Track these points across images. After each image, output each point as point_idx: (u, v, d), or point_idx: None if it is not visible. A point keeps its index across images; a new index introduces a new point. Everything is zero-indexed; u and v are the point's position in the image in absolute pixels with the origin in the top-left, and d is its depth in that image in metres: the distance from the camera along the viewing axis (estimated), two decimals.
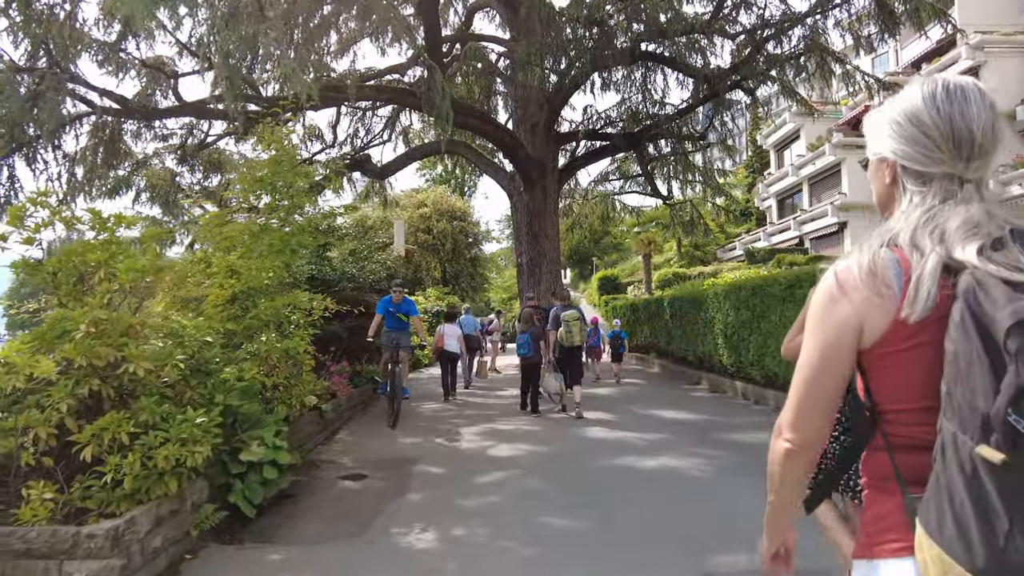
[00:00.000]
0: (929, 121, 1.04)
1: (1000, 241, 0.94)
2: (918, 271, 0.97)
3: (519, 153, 15.72)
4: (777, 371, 8.31)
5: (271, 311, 5.09)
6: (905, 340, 1.00)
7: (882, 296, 1.00)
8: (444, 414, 9.18)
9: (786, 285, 8.19)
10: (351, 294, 10.00)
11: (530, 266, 16.55)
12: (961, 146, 1.03)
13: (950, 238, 0.97)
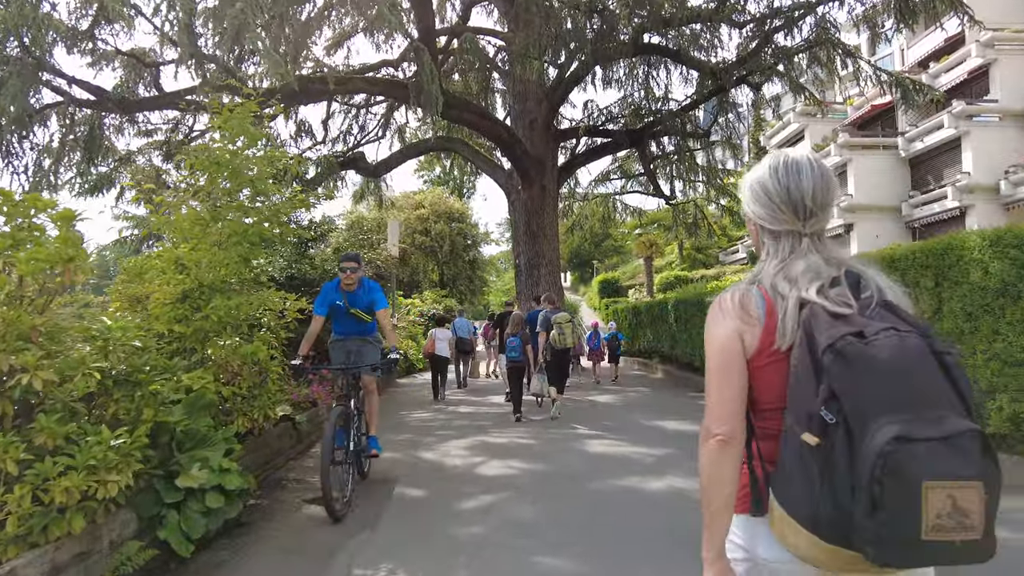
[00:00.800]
0: (773, 190, 1.32)
1: (836, 280, 1.24)
2: (782, 311, 1.24)
3: (517, 150, 15.09)
4: None
5: (224, 311, 4.44)
6: (768, 357, 1.27)
7: (749, 323, 1.27)
8: (432, 424, 8.52)
9: None
10: None
11: (528, 267, 15.91)
12: (797, 210, 1.30)
13: (799, 281, 1.26)
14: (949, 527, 0.98)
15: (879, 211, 27.31)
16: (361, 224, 32.30)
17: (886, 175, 27.64)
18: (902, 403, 1.03)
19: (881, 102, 29.41)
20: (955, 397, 1.06)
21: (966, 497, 0.98)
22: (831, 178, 1.32)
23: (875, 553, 1.02)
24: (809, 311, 1.19)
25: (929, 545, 0.99)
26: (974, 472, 0.99)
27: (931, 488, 0.97)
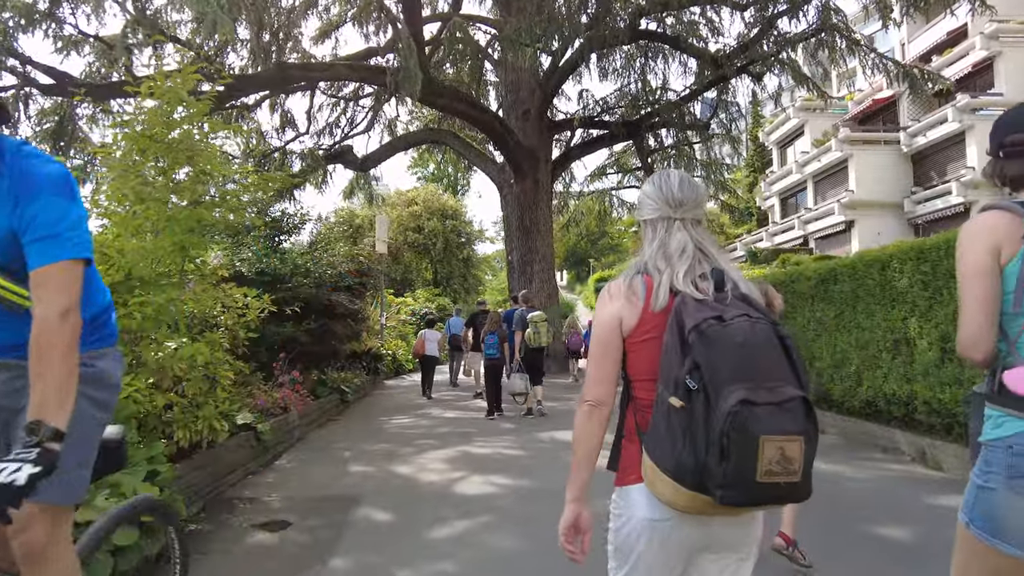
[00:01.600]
0: (651, 190, 1.59)
1: (704, 276, 1.44)
2: (656, 284, 1.46)
3: (509, 141, 14.46)
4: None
5: (154, 308, 3.79)
6: (644, 334, 1.47)
7: (632, 302, 1.48)
8: (413, 431, 7.88)
9: (817, 280, 6.92)
10: (308, 292, 8.68)
11: (521, 264, 15.29)
12: (668, 200, 1.54)
13: (673, 260, 1.47)
14: (777, 472, 1.23)
15: (881, 207, 26.71)
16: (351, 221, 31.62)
17: (888, 171, 27.05)
18: (748, 375, 1.26)
19: (882, 96, 28.85)
20: (790, 372, 1.31)
21: (791, 448, 1.23)
22: (696, 182, 1.61)
23: (722, 495, 1.24)
24: (680, 298, 1.40)
25: (762, 486, 1.23)
26: (799, 429, 1.25)
27: (766, 441, 1.22)
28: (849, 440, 6.40)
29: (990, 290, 1.46)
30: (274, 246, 8.73)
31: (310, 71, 12.74)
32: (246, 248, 8.42)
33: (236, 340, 6.09)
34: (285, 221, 9.24)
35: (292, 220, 9.44)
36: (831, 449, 5.88)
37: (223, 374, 4.86)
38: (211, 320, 5.93)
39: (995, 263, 1.46)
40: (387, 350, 16.67)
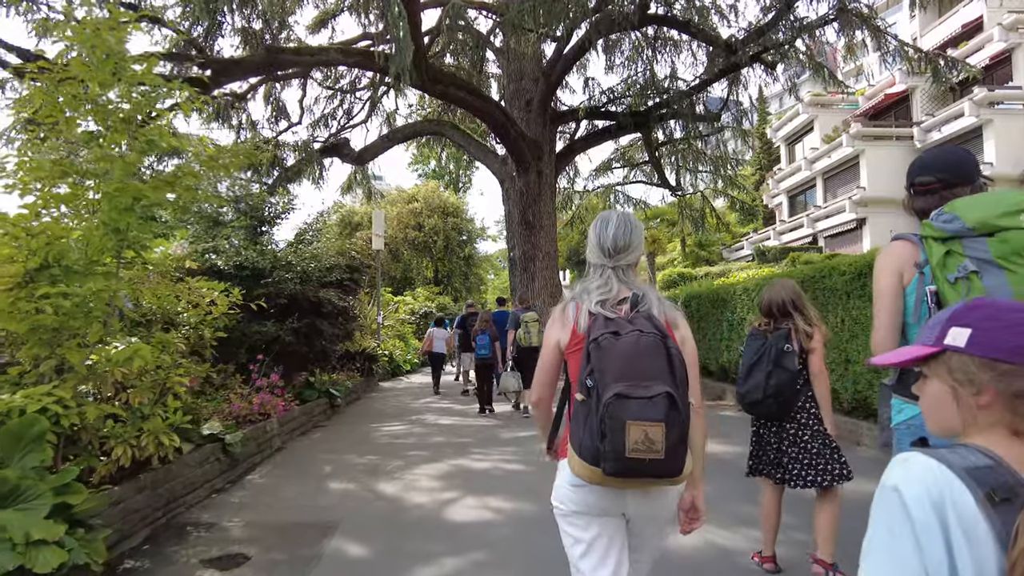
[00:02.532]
0: (592, 238, 1.93)
1: (624, 300, 1.80)
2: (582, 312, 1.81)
3: (511, 132, 13.73)
4: (841, 387, 6.32)
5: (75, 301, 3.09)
6: (574, 347, 1.81)
7: (565, 324, 1.86)
8: (404, 440, 7.18)
9: (852, 275, 6.21)
10: (292, 288, 7.99)
11: (523, 260, 14.57)
12: (604, 251, 1.89)
13: (592, 294, 1.84)
14: (642, 449, 1.55)
15: (894, 205, 25.77)
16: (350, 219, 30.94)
17: (901, 167, 25.92)
18: (627, 376, 1.60)
19: (895, 91, 28.11)
20: (667, 374, 1.61)
21: (654, 432, 1.54)
22: (633, 227, 1.94)
23: (603, 466, 1.59)
24: (595, 318, 1.76)
25: (630, 460, 1.55)
26: (660, 417, 1.56)
27: (632, 425, 1.55)
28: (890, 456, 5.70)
29: (895, 305, 1.83)
30: (255, 237, 8.03)
31: (301, 55, 12.04)
32: (223, 239, 7.73)
33: (202, 340, 5.40)
34: (266, 210, 8.52)
35: (275, 209, 8.72)
36: (871, 465, 5.17)
37: (176, 380, 4.16)
38: (174, 318, 5.24)
39: (899, 283, 1.83)
40: (384, 350, 15.99)
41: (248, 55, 11.90)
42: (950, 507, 0.88)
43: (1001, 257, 1.62)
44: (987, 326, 1.01)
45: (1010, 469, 0.91)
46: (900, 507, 0.91)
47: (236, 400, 6.71)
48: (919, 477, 0.92)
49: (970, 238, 1.67)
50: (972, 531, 0.87)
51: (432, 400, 11.02)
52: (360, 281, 10.70)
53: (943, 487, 0.89)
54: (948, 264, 1.70)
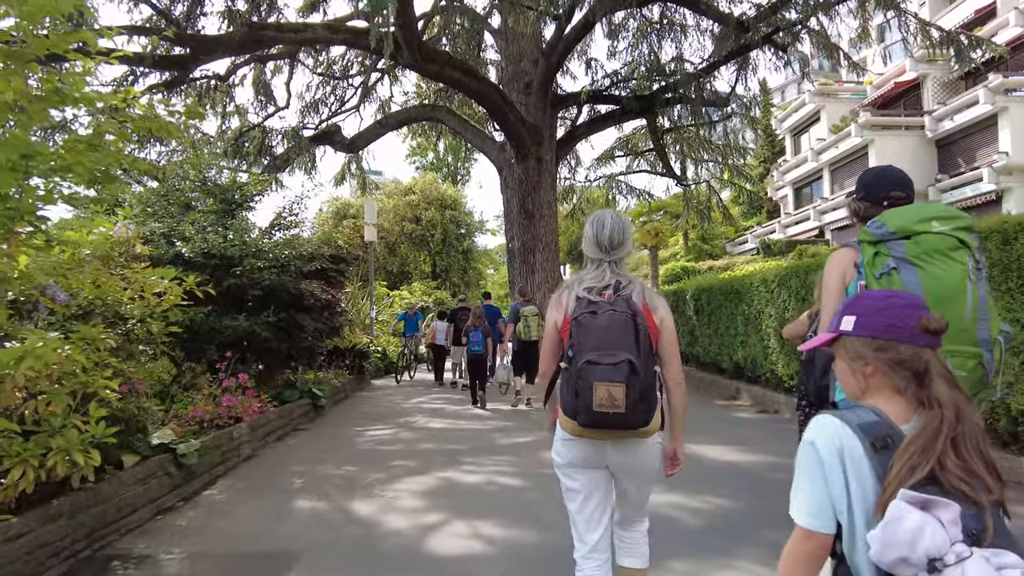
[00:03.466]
0: (590, 235, 2.25)
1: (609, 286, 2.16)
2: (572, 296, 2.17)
3: (510, 116, 12.98)
4: None
5: None
6: (565, 327, 2.14)
7: (559, 308, 2.19)
8: (390, 447, 6.48)
9: None
10: (269, 278, 7.27)
11: (523, 252, 13.84)
12: (600, 247, 2.21)
13: (584, 282, 2.19)
14: (607, 405, 1.92)
15: None
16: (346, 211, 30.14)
17: (911, 157, 25.49)
18: (598, 347, 1.96)
19: (905, 79, 27.32)
20: (633, 345, 1.96)
21: (616, 391, 1.91)
22: (624, 226, 2.26)
23: (579, 419, 2.00)
24: (580, 301, 2.13)
25: (597, 414, 1.94)
26: (622, 379, 1.92)
27: (598, 385, 1.92)
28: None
29: (839, 299, 2.16)
30: (225, 222, 7.28)
31: (284, 32, 11.28)
32: (189, 223, 6.98)
33: (152, 336, 4.68)
34: (235, 191, 7.72)
35: (247, 190, 7.92)
36: None
37: (101, 383, 3.44)
38: (118, 311, 4.52)
39: (843, 281, 2.21)
40: (377, 346, 15.27)
41: (228, 32, 11.14)
42: (847, 453, 1.20)
43: (914, 256, 1.95)
44: (865, 312, 1.32)
45: (890, 422, 1.23)
46: (815, 455, 1.24)
47: (200, 403, 6.00)
48: (826, 433, 1.24)
49: (892, 241, 1.99)
50: (860, 469, 1.19)
51: (424, 400, 10.31)
52: (347, 273, 9.98)
53: (842, 439, 1.21)
54: (876, 263, 2.02)
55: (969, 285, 1.94)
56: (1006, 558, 1.02)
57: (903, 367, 1.25)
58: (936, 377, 1.22)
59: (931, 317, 1.25)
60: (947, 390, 1.20)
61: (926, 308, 1.28)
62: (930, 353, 1.25)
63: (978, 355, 1.95)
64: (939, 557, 1.02)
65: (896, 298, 1.32)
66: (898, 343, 1.25)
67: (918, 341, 1.25)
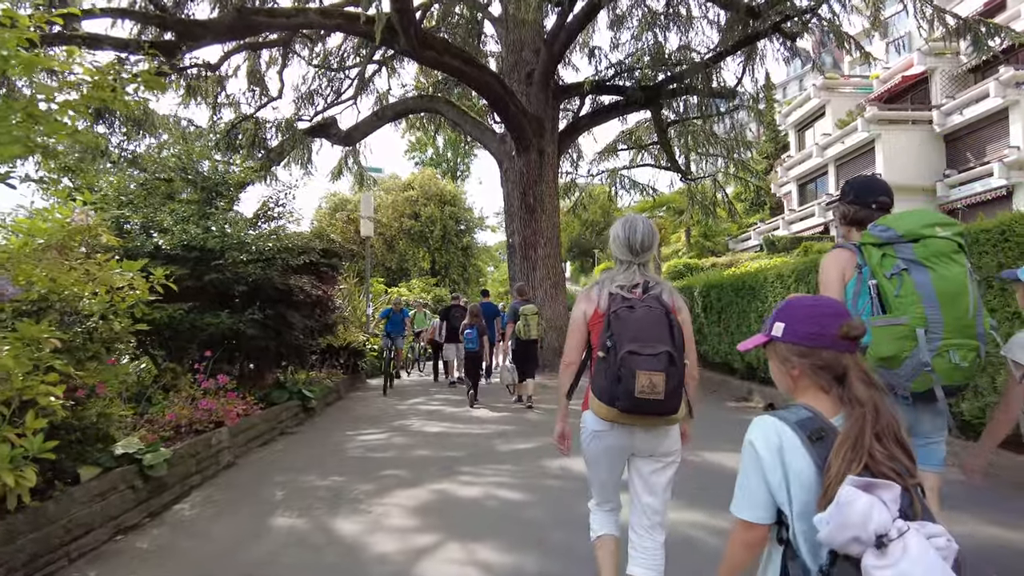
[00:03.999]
0: (621, 237, 2.41)
1: (638, 285, 2.34)
2: (603, 294, 2.36)
3: (511, 106, 12.53)
4: None
5: None
6: (597, 320, 2.35)
7: (591, 302, 2.40)
8: (381, 454, 6.04)
9: None
10: (255, 272, 6.82)
11: (524, 247, 13.41)
12: (631, 250, 2.39)
13: (616, 280, 2.36)
14: (648, 392, 2.08)
15: (910, 192, 24.68)
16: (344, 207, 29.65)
17: (918, 152, 25.07)
18: (638, 338, 2.12)
19: (912, 73, 26.83)
20: (668, 339, 2.14)
21: (657, 379, 2.08)
22: (653, 231, 2.45)
23: (619, 404, 2.14)
24: (614, 297, 2.30)
25: (639, 400, 2.09)
26: (662, 368, 2.09)
27: (640, 373, 2.07)
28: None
29: (839, 295, 2.32)
30: (206, 213, 6.81)
31: (275, 17, 10.83)
32: (168, 213, 6.52)
33: (115, 334, 4.24)
34: (220, 180, 7.23)
35: (233, 179, 7.42)
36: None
37: (43, 389, 3.00)
38: (77, 307, 4.08)
39: (841, 280, 2.35)
40: (373, 344, 14.82)
41: (217, 17, 10.69)
42: (786, 448, 1.33)
43: (924, 258, 2.17)
44: (792, 320, 1.44)
45: (822, 417, 1.36)
46: (754, 453, 1.37)
47: (177, 406, 5.56)
48: (765, 431, 1.36)
49: (900, 244, 2.21)
50: (798, 461, 1.31)
51: (420, 401, 9.88)
52: (340, 267, 9.53)
53: (781, 435, 1.34)
54: (884, 264, 2.22)
55: (970, 284, 2.15)
56: (931, 528, 1.17)
57: (824, 370, 1.38)
58: (855, 379, 1.35)
59: (852, 324, 1.38)
60: (865, 390, 1.33)
61: (848, 315, 1.41)
62: (849, 357, 1.37)
63: (977, 347, 2.16)
64: (885, 533, 1.13)
65: (821, 307, 1.44)
66: (820, 349, 1.38)
67: (839, 347, 1.37)
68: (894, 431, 1.29)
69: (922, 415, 2.30)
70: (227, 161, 15.88)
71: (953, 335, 2.11)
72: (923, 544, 1.12)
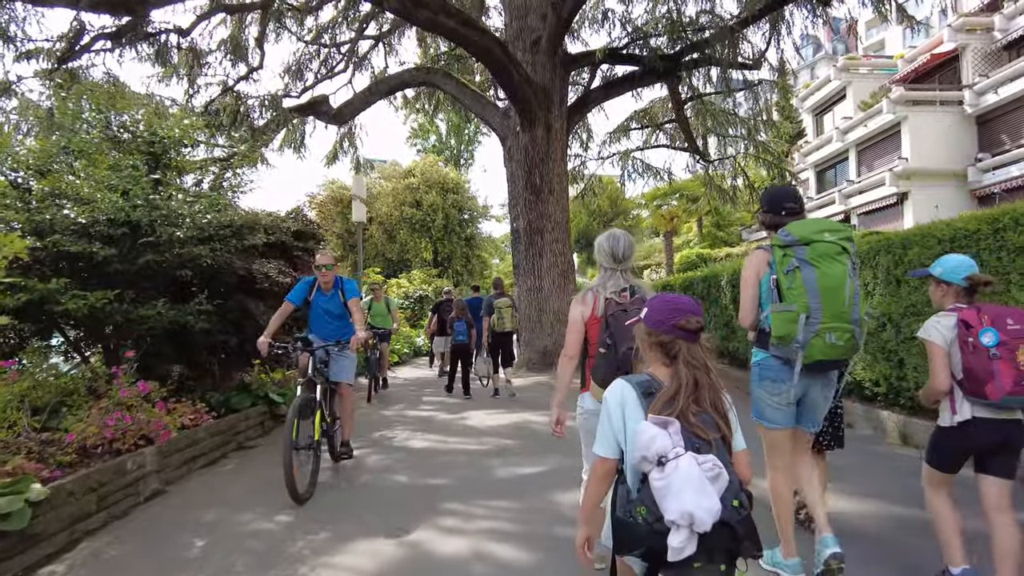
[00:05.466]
0: (605, 248, 2.92)
1: (625, 290, 2.80)
2: (597, 299, 2.84)
3: (514, 75, 11.25)
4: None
5: None
6: (594, 321, 2.81)
7: (587, 305, 2.87)
8: (350, 481, 4.82)
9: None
10: (204, 254, 5.58)
11: (529, 233, 12.15)
12: (615, 258, 2.88)
13: (607, 287, 2.84)
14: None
15: (940, 177, 23.32)
16: (342, 198, 28.38)
17: (948, 135, 23.60)
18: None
19: (942, 51, 25.30)
20: None
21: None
22: (632, 244, 2.95)
23: None
24: (609, 302, 2.74)
25: None
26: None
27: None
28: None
29: (754, 291, 2.90)
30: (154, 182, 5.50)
31: None
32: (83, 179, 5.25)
33: None
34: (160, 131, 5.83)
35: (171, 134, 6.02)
36: None
37: None
38: None
39: (756, 277, 2.89)
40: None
41: None
42: (626, 401, 1.80)
43: (812, 258, 2.67)
44: (650, 309, 1.91)
45: (656, 379, 1.83)
46: (607, 406, 1.84)
47: (82, 423, 4.37)
48: (614, 389, 1.84)
49: (796, 246, 2.71)
50: (634, 411, 1.78)
51: (410, 405, 8.67)
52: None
53: (623, 392, 1.82)
54: (784, 262, 2.72)
55: (848, 280, 2.68)
56: (707, 458, 1.60)
57: (663, 349, 1.85)
58: (682, 360, 1.81)
59: (689, 320, 1.83)
60: (686, 369, 1.79)
61: (693, 313, 1.85)
62: (683, 343, 1.82)
63: (851, 330, 2.69)
64: (664, 455, 1.58)
65: (672, 303, 1.89)
66: (662, 333, 1.85)
67: (675, 334, 1.83)
68: (712, 398, 1.77)
69: (813, 384, 2.85)
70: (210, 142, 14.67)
71: (831, 320, 2.64)
72: (692, 464, 1.56)
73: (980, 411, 2.55)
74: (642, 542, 1.57)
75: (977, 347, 2.51)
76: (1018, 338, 2.47)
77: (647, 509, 1.56)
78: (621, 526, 1.64)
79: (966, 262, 2.74)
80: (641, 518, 1.56)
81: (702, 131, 16.43)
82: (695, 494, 1.50)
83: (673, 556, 1.50)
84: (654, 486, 1.55)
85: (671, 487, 1.52)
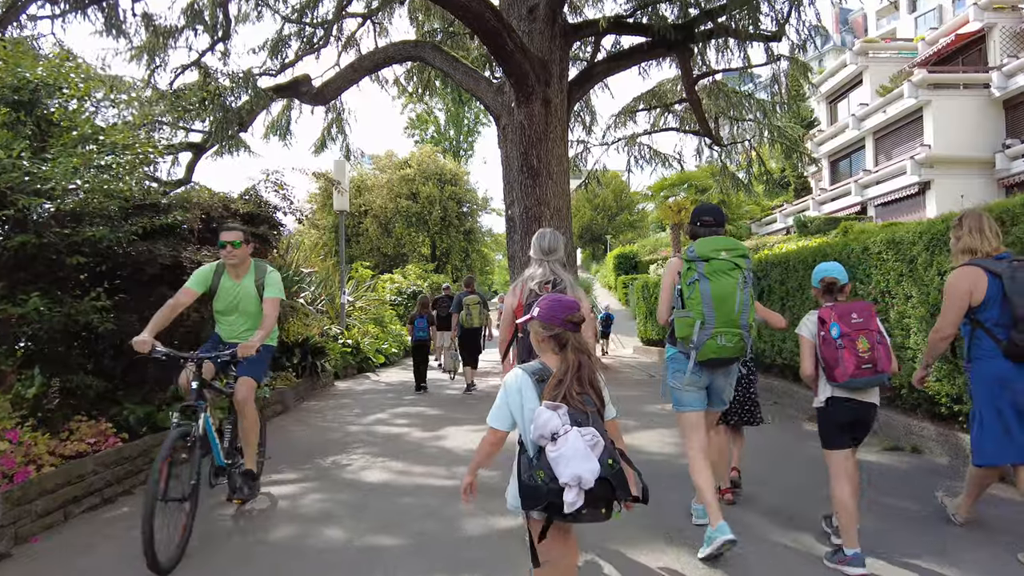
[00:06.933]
0: (535, 244, 3.53)
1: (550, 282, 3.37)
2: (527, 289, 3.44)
3: (508, 44, 9.97)
4: None
5: None
6: (520, 309, 3.37)
7: (515, 295, 3.50)
8: (266, 534, 3.61)
9: None
10: (94, 235, 4.36)
11: (525, 220, 10.87)
12: (543, 251, 3.49)
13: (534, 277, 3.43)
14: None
15: (964, 164, 21.98)
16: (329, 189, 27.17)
17: (973, 120, 22.24)
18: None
19: (967, 31, 23.91)
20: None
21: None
22: (558, 238, 3.52)
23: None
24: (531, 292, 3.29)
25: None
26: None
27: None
28: None
29: (669, 295, 3.35)
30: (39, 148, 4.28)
31: None
32: None
33: None
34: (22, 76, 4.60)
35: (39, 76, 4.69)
36: None
37: None
38: None
39: (673, 283, 3.31)
40: (347, 339, 12.43)
41: None
42: (523, 386, 2.11)
43: (708, 273, 3.12)
44: (543, 307, 2.19)
45: (548, 367, 2.13)
46: (505, 388, 2.15)
47: None
48: (513, 376, 2.15)
49: (698, 261, 3.17)
50: (529, 394, 2.09)
51: (385, 416, 7.47)
52: (273, 240, 7.10)
53: (520, 379, 2.12)
54: (687, 275, 3.18)
55: (738, 292, 3.10)
56: (588, 430, 1.93)
57: (554, 340, 2.14)
58: (570, 348, 2.11)
59: (575, 315, 2.16)
60: (573, 355, 2.09)
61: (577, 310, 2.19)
62: (571, 334, 2.14)
63: (740, 334, 3.12)
64: (556, 432, 1.90)
65: (561, 302, 2.21)
66: (552, 326, 2.14)
67: (564, 326, 2.13)
68: (590, 379, 2.09)
69: (715, 376, 3.33)
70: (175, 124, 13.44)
71: (722, 326, 3.10)
72: (577, 438, 1.89)
73: (837, 391, 3.02)
74: (543, 499, 1.93)
75: (827, 339, 2.98)
76: (859, 330, 2.93)
77: (545, 473, 1.92)
78: (525, 488, 2.00)
79: (826, 268, 3.20)
80: (541, 480, 1.93)
81: (715, 112, 15.17)
82: (581, 461, 1.87)
83: (568, 508, 1.87)
84: (550, 456, 1.90)
85: (563, 457, 1.88)
